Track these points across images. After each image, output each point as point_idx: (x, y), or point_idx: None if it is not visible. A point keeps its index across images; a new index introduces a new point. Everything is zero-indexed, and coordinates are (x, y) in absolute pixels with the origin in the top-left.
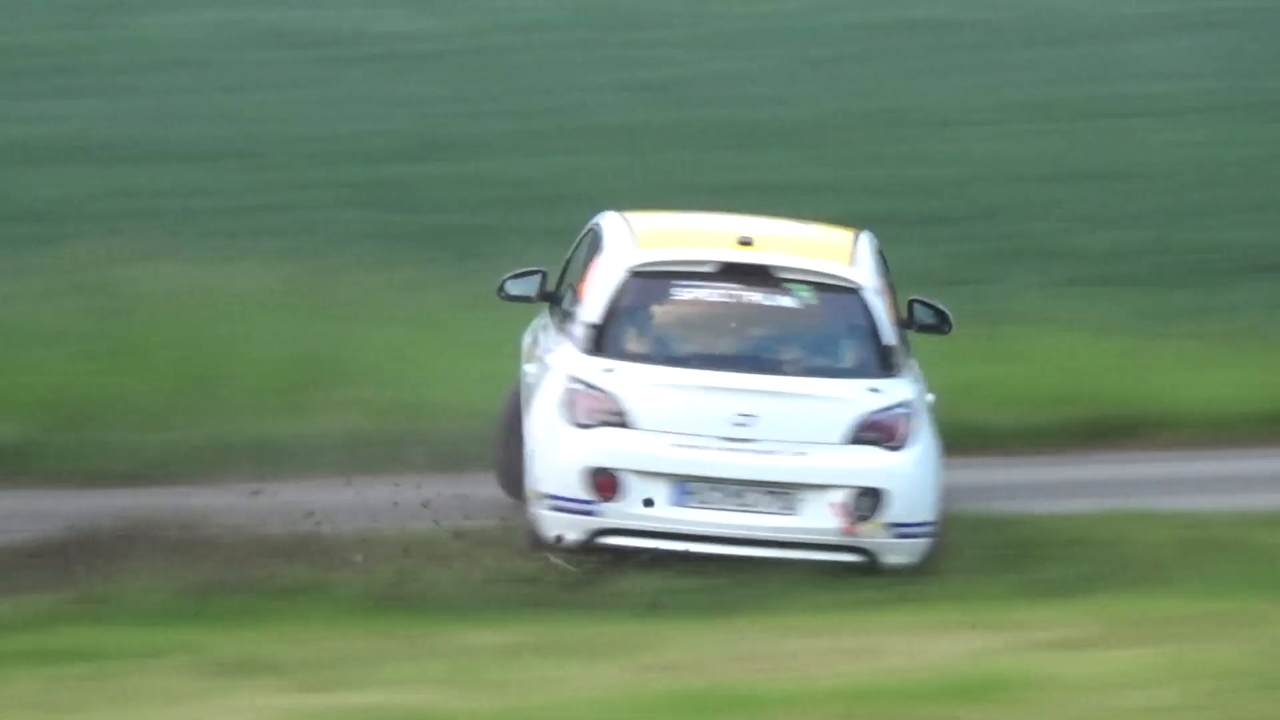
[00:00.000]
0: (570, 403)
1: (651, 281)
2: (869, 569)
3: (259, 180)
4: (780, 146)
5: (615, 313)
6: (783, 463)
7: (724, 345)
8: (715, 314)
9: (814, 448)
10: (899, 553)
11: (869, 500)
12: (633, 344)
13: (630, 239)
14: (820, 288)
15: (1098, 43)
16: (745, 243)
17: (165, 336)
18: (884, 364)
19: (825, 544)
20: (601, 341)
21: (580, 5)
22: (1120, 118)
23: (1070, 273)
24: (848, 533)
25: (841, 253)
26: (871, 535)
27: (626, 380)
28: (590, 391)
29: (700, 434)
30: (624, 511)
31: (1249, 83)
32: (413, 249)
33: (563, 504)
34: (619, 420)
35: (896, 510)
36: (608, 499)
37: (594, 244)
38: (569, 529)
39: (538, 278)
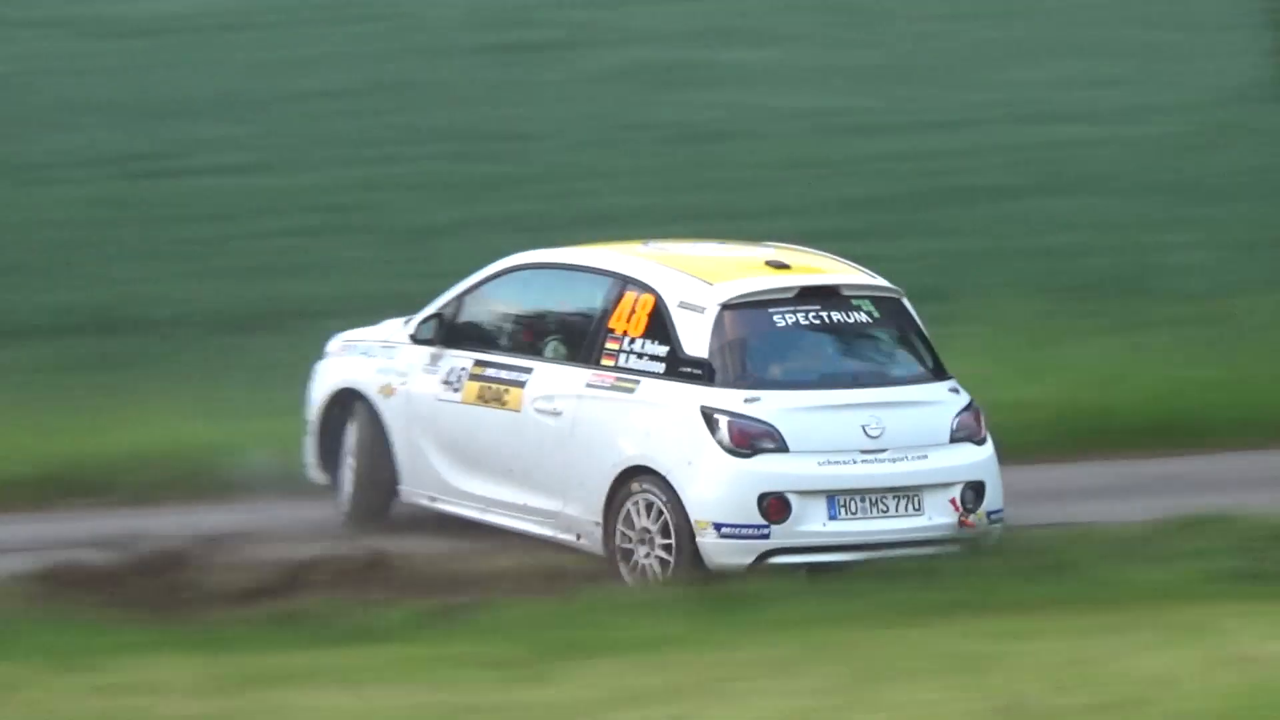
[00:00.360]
0: (724, 433)
1: (745, 312)
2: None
3: None
4: None
5: (720, 346)
6: (912, 467)
7: (836, 364)
8: (813, 336)
9: (931, 450)
10: (992, 539)
11: (972, 493)
12: (757, 372)
13: (687, 274)
14: (874, 301)
15: None
16: (780, 266)
17: None
18: (939, 364)
19: (946, 538)
20: (713, 374)
21: None
22: None
23: None
24: (964, 525)
25: (850, 266)
26: (978, 525)
27: (775, 407)
28: (745, 422)
29: (842, 449)
30: (792, 531)
31: None
32: None
33: (735, 530)
34: (775, 446)
35: (991, 499)
36: (777, 521)
37: (598, 285)
38: (740, 554)
39: (435, 321)
